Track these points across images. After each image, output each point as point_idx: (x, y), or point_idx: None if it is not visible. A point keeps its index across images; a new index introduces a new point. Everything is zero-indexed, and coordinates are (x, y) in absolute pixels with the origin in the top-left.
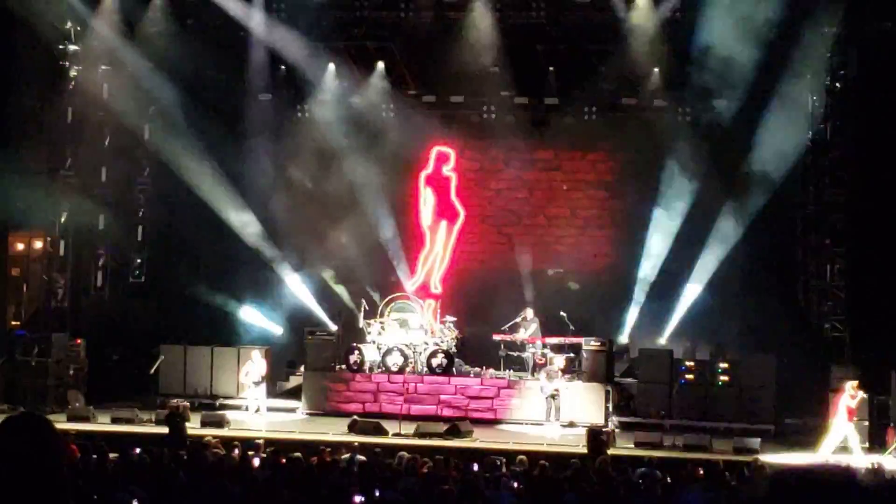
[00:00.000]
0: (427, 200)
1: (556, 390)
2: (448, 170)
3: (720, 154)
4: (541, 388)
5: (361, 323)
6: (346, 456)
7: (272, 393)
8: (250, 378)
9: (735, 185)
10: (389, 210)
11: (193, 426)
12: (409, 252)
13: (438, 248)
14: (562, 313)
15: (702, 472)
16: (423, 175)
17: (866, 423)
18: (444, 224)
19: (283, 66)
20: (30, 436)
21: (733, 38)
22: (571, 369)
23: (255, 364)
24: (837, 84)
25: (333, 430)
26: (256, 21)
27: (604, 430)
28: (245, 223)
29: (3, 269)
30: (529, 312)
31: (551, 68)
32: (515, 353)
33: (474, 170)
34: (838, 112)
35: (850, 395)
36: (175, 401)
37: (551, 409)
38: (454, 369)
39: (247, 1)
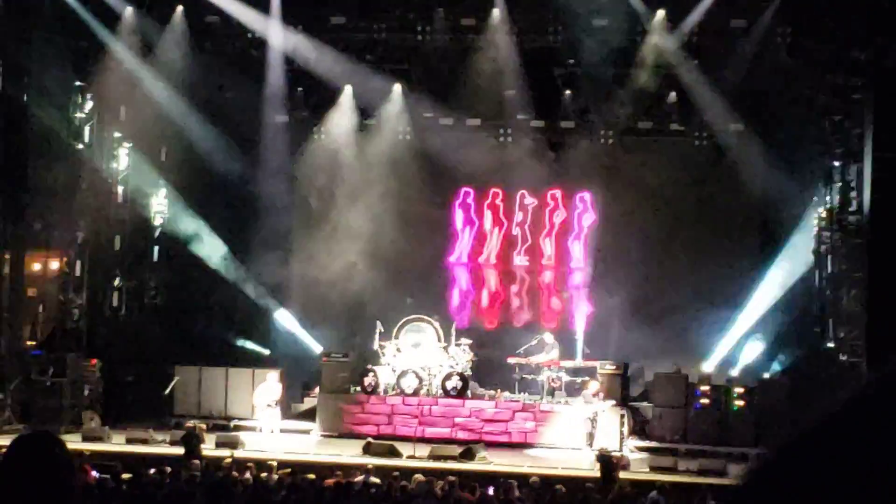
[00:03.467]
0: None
1: (595, 414)
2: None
3: (734, 176)
4: (578, 414)
5: (376, 345)
6: (361, 478)
7: (287, 414)
8: (264, 400)
9: (751, 208)
10: (405, 233)
11: (208, 447)
12: (425, 275)
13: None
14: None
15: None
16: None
17: None
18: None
19: (299, 88)
20: (41, 454)
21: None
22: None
23: (270, 386)
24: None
25: (348, 452)
26: (275, 39)
27: (614, 454)
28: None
29: (20, 289)
30: (549, 336)
31: (568, 91)
32: (530, 377)
33: (503, 203)
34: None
35: None
36: (191, 422)
37: (590, 434)
38: (469, 392)
39: (265, 16)
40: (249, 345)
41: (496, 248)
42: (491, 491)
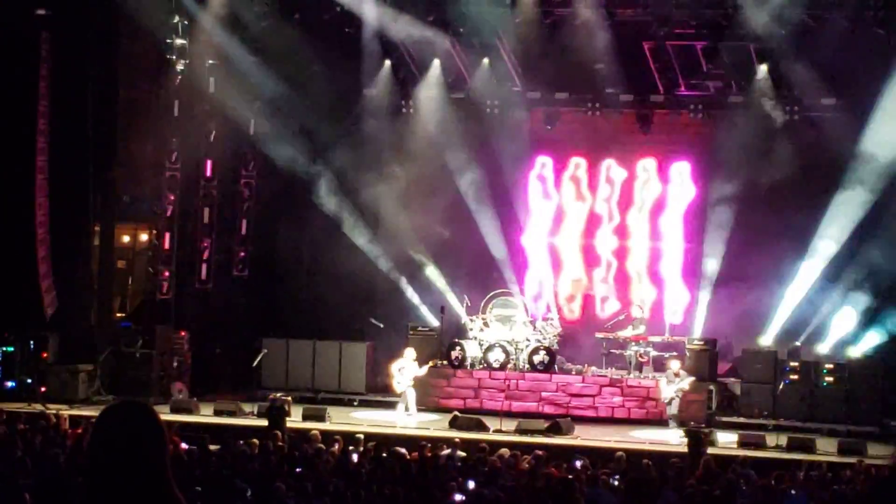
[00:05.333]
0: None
1: (678, 392)
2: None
3: (826, 151)
4: (661, 394)
5: (464, 319)
6: (447, 451)
7: (373, 388)
8: (405, 376)
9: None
10: (493, 210)
11: (294, 419)
12: (512, 253)
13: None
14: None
15: (802, 474)
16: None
17: None
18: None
19: (387, 61)
20: (133, 423)
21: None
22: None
23: (408, 363)
24: None
25: (435, 426)
26: (366, 11)
27: (702, 429)
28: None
29: (110, 261)
30: (637, 310)
31: (657, 65)
32: (618, 351)
33: (580, 170)
34: None
35: None
36: (277, 394)
37: (673, 414)
38: (556, 366)
39: None
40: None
41: (579, 227)
42: (578, 465)
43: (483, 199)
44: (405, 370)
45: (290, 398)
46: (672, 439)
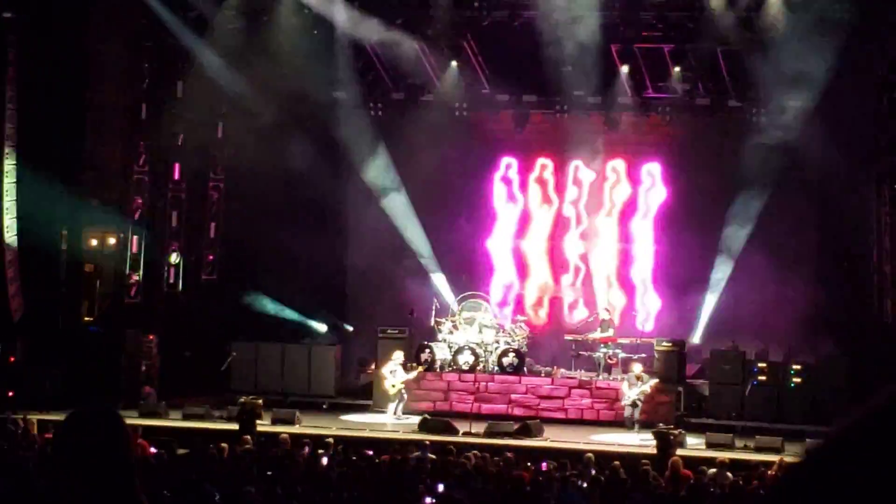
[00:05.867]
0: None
1: (640, 394)
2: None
3: (791, 152)
4: (622, 397)
5: (433, 321)
6: (417, 454)
7: (342, 392)
8: (397, 378)
9: (808, 184)
10: (461, 213)
11: (264, 423)
12: (480, 257)
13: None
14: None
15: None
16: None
17: None
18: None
19: (357, 63)
20: (98, 429)
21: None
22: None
23: (398, 366)
24: None
25: (404, 429)
26: (335, 14)
27: (672, 430)
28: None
29: (78, 265)
30: (605, 312)
31: (625, 68)
32: (587, 353)
33: (546, 171)
34: None
35: None
36: (248, 397)
37: (632, 417)
38: (525, 368)
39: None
40: (313, 322)
41: (545, 232)
42: (544, 467)
43: (452, 202)
44: (397, 373)
45: (261, 401)
46: (638, 441)
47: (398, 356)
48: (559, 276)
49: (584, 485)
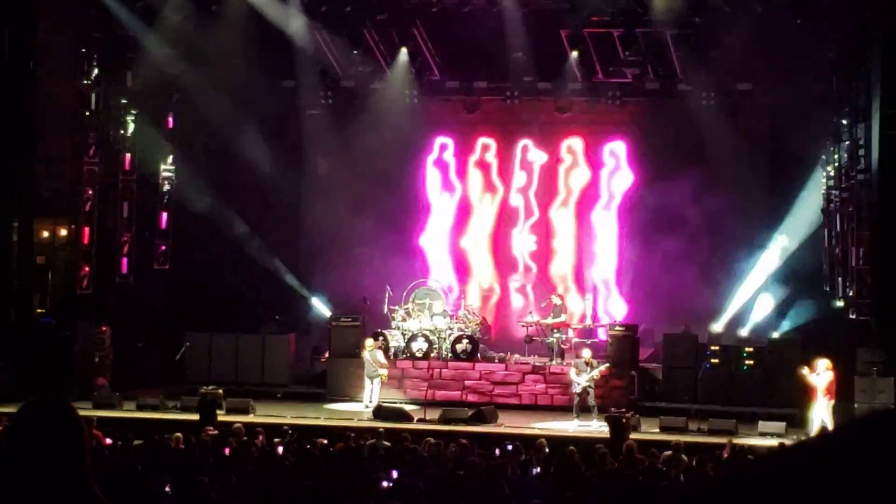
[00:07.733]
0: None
1: (589, 381)
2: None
3: (742, 136)
4: (570, 384)
5: (386, 309)
6: (371, 442)
7: (297, 380)
8: (376, 363)
9: (759, 167)
10: (413, 200)
11: (220, 412)
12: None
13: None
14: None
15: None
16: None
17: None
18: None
19: (306, 52)
20: (51, 420)
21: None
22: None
23: (375, 355)
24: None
25: (358, 417)
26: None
27: (625, 415)
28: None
29: (29, 256)
30: (558, 298)
31: (574, 53)
32: (540, 339)
33: (489, 153)
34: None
35: (816, 374)
36: (208, 387)
37: (578, 405)
38: (479, 355)
39: None
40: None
41: (488, 225)
42: (497, 452)
43: (401, 191)
44: (376, 359)
45: (221, 391)
46: (570, 428)
47: (369, 342)
48: (506, 279)
49: (539, 470)
